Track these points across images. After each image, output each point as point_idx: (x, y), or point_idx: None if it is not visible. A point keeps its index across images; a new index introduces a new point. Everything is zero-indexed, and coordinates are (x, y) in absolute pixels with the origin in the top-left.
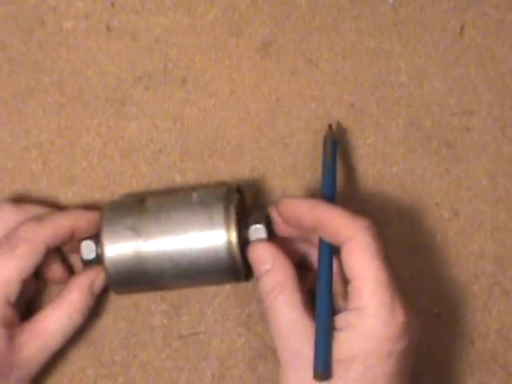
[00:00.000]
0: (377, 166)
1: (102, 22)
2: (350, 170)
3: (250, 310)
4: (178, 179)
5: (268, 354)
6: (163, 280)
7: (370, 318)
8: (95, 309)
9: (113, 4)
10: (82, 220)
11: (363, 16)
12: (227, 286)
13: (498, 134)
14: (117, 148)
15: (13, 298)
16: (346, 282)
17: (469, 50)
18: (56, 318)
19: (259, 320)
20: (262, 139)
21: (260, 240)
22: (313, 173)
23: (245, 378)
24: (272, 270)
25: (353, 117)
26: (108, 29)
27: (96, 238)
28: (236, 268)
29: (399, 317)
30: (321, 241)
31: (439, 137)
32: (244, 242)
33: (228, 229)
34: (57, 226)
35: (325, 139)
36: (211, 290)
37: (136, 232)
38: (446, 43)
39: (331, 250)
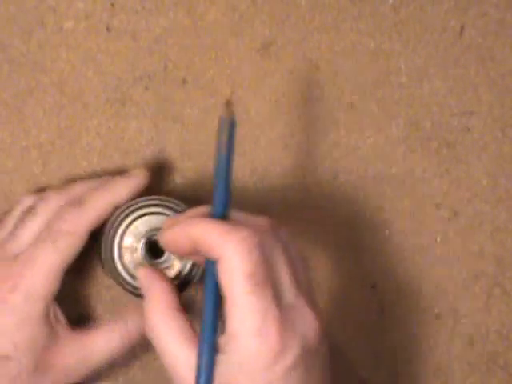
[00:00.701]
0: (377, 166)
1: (102, 22)
2: (349, 170)
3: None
4: (178, 179)
5: None
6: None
7: (241, 348)
8: (95, 308)
9: (113, 4)
10: (123, 190)
11: (363, 16)
12: None
13: (498, 134)
14: (117, 148)
15: (55, 290)
16: None
17: (469, 49)
18: (108, 339)
19: None
20: (262, 139)
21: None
22: (313, 173)
23: None
24: (148, 296)
25: (353, 117)
26: (108, 29)
27: None
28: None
29: (271, 342)
30: (206, 260)
31: (439, 137)
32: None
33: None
34: (99, 208)
35: (221, 119)
36: None
37: None
38: (446, 43)
39: (213, 270)
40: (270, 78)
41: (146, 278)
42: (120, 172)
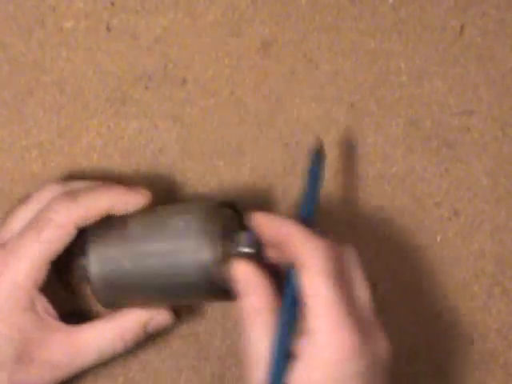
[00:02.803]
0: (377, 166)
1: (101, 21)
2: (349, 170)
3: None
4: (178, 179)
5: None
6: (148, 300)
7: (318, 343)
8: (95, 308)
9: (113, 4)
10: (120, 200)
11: (363, 16)
12: None
13: (498, 134)
14: (117, 148)
15: (40, 281)
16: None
17: (469, 49)
18: (98, 337)
19: None
20: (262, 139)
21: (244, 259)
22: None
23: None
24: (251, 293)
25: (353, 117)
26: (108, 29)
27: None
28: (214, 288)
29: (346, 340)
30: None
31: (439, 137)
32: (228, 260)
33: (207, 248)
34: (91, 206)
35: (312, 153)
36: None
37: (116, 260)
38: (445, 43)
39: (295, 273)
40: (270, 78)
41: (248, 274)
42: (120, 172)
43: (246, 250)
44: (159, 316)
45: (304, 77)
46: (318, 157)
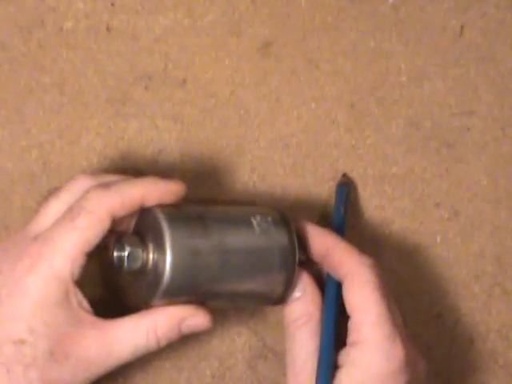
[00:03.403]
0: (377, 166)
1: (101, 21)
2: (349, 170)
3: (250, 310)
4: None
5: (268, 354)
6: (213, 303)
7: (369, 352)
8: (94, 307)
9: (113, 4)
10: (155, 189)
11: (363, 16)
12: None
13: (498, 134)
14: (117, 148)
15: (76, 273)
16: (348, 317)
17: (469, 49)
18: (133, 334)
19: (259, 320)
20: (262, 139)
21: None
22: (313, 173)
23: (245, 378)
24: (302, 298)
25: (353, 117)
26: (108, 29)
27: (134, 242)
28: (286, 297)
29: (399, 350)
30: (328, 275)
31: (439, 137)
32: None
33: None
34: (125, 195)
35: (338, 187)
36: None
37: (199, 254)
38: (445, 43)
39: (337, 285)
40: (270, 78)
41: (300, 279)
42: (120, 172)
43: (301, 257)
44: (197, 316)
45: (304, 77)
46: (346, 190)
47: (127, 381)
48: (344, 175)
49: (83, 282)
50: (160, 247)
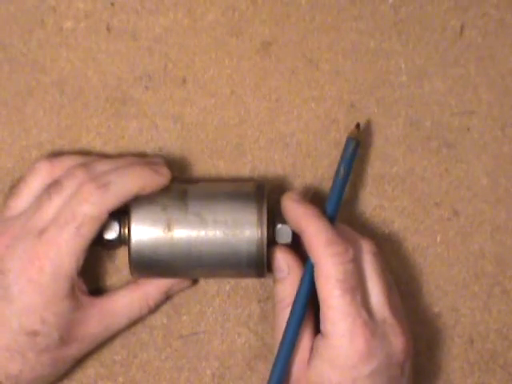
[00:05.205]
0: (377, 166)
1: (102, 21)
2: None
3: (250, 310)
4: None
5: (268, 354)
6: (185, 270)
7: (332, 347)
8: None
9: (113, 4)
10: (149, 182)
11: (363, 16)
12: (227, 286)
13: (498, 134)
14: (117, 148)
15: (79, 268)
16: None
17: (469, 49)
18: (126, 304)
19: (259, 320)
20: (262, 139)
21: (283, 243)
22: (313, 173)
23: (245, 378)
24: (288, 279)
25: (353, 117)
26: (108, 29)
27: (119, 217)
28: (260, 265)
29: (358, 345)
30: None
31: (439, 137)
32: (269, 241)
33: (260, 227)
34: (124, 193)
35: (348, 139)
36: (211, 289)
37: (166, 219)
38: (445, 43)
39: (311, 269)
40: (270, 78)
41: (285, 260)
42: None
43: (286, 232)
44: (182, 283)
45: (304, 77)
46: (355, 143)
47: (127, 381)
48: (357, 126)
49: None
50: (128, 223)
